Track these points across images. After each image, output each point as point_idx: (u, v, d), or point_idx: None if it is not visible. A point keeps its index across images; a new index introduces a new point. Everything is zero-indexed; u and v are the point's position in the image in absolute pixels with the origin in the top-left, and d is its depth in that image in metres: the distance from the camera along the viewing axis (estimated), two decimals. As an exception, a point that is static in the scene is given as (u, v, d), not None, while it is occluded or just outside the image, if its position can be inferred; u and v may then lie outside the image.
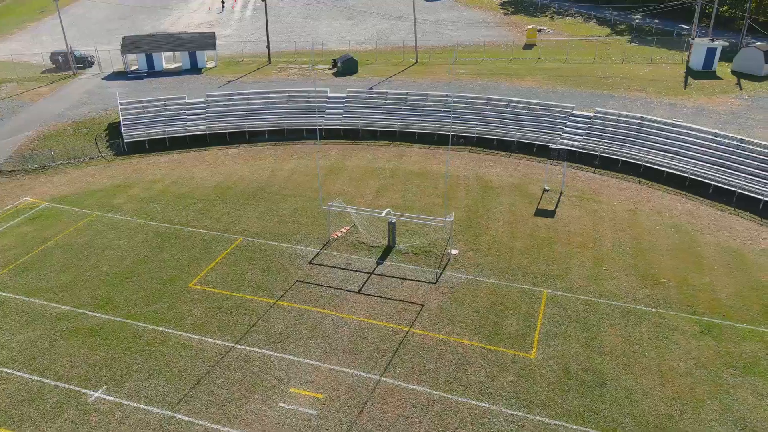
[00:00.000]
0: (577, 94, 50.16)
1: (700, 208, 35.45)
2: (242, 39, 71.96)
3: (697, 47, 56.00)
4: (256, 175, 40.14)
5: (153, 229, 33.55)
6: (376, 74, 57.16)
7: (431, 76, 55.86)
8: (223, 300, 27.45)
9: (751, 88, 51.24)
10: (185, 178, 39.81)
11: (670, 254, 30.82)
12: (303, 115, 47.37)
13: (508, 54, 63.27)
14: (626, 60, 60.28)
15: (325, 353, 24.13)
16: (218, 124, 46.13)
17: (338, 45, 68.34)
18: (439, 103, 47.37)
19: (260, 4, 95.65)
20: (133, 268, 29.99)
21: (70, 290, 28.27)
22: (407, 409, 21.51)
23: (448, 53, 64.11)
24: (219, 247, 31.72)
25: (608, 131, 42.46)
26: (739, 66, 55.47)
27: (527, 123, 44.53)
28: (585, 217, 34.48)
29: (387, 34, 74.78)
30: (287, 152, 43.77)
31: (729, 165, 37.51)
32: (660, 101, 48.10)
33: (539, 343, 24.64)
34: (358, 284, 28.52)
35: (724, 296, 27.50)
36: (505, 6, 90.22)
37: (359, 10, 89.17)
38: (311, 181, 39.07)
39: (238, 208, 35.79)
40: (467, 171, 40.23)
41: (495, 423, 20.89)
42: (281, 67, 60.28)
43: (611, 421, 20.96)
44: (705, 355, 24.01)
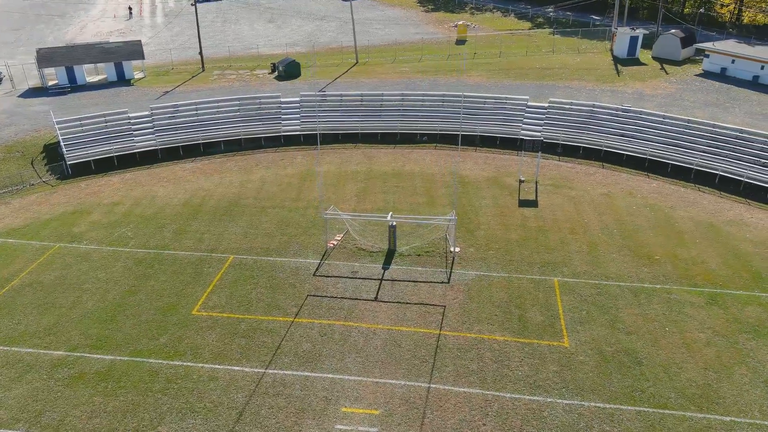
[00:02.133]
0: (523, 86, 51.75)
1: (664, 186, 37.69)
2: (162, 47, 67.97)
3: (621, 36, 59.58)
4: (224, 189, 37.99)
5: (130, 257, 30.81)
6: (320, 76, 55.98)
7: (378, 76, 55.50)
8: (236, 324, 25.70)
9: (675, 72, 55.25)
10: (147, 198, 36.91)
11: (654, 232, 32.51)
12: (258, 122, 45.45)
13: (444, 51, 64.19)
14: (555, 51, 63.03)
15: (365, 367, 23.22)
16: (169, 138, 43.19)
17: (270, 49, 66.23)
18: (396, 102, 47.16)
19: (170, 10, 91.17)
20: (122, 300, 27.36)
21: (57, 333, 25.32)
22: (467, 412, 21.16)
23: (386, 52, 64.04)
24: (211, 269, 29.68)
25: (564, 120, 44.15)
26: (659, 52, 59.65)
27: (486, 117, 45.34)
28: (566, 203, 35.62)
29: (316, 35, 73.48)
30: (250, 162, 41.79)
31: (682, 144, 40.19)
32: (602, 88, 50.72)
33: (568, 331, 25.11)
34: (372, 292, 27.72)
35: (715, 266, 29.39)
36: (423, 3, 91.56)
37: (278, 12, 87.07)
38: (285, 190, 37.56)
39: (217, 224, 33.69)
40: (440, 168, 40.34)
41: (555, 415, 21.03)
42: (217, 74, 57.49)
43: (659, 398, 21.74)
44: (718, 323, 25.51)
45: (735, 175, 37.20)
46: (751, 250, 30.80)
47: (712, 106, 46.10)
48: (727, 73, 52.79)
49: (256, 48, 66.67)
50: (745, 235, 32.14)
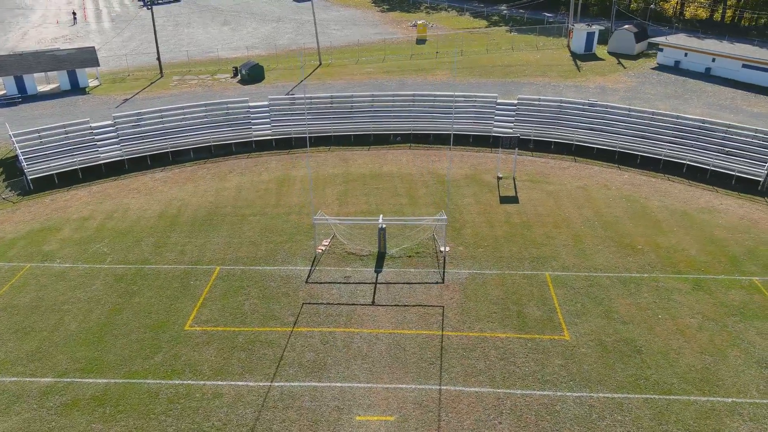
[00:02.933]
0: (489, 83, 52.39)
1: (636, 178, 38.82)
2: (115, 53, 65.47)
3: (578, 32, 61.16)
4: (199, 198, 36.84)
5: (109, 273, 29.45)
6: (284, 79, 55.12)
7: (343, 77, 55.06)
8: (233, 338, 24.90)
9: (632, 66, 57.10)
10: (120, 212, 35.40)
11: (633, 222, 33.42)
12: (227, 128, 44.32)
13: (406, 50, 64.32)
14: (515, 49, 64.12)
15: (373, 373, 22.91)
16: (135, 148, 41.58)
17: (229, 52, 64.79)
18: (366, 103, 46.89)
19: (117, 14, 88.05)
20: (107, 320, 26.10)
21: (42, 358, 23.91)
22: (481, 412, 21.15)
23: (348, 53, 63.64)
24: (198, 282, 28.69)
25: (534, 116, 44.90)
26: (614, 47, 61.53)
27: (458, 115, 45.63)
28: (545, 198, 36.20)
29: (273, 37, 72.33)
30: (223, 170, 40.68)
31: (649, 136, 41.50)
32: (566, 84, 51.88)
33: (567, 324, 25.49)
34: (368, 296, 27.40)
35: (694, 253, 30.45)
36: (378, 3, 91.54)
37: (231, 14, 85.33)
38: (264, 197, 36.74)
39: (198, 235, 32.63)
40: (418, 168, 40.32)
41: (568, 408, 21.28)
42: (177, 80, 55.80)
43: (663, 384, 22.31)
44: (706, 308, 26.41)
45: (701, 164, 38.68)
46: (725, 235, 32.06)
47: (672, 98, 47.83)
48: (681, 66, 54.92)
49: (215, 52, 65.11)
50: (717, 222, 33.44)
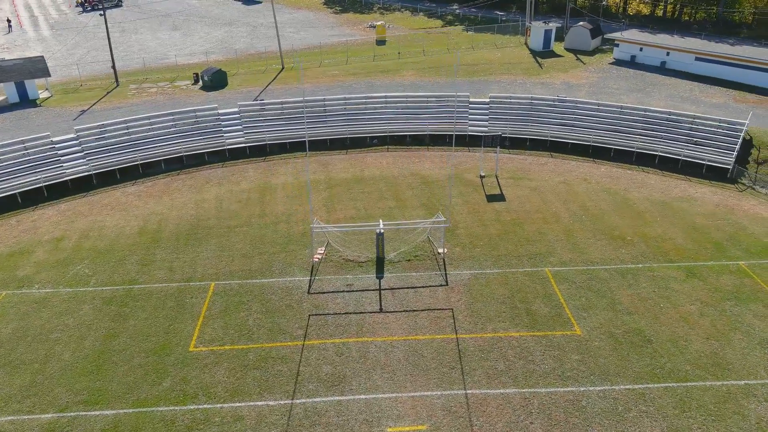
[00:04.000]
0: (457, 83, 52.61)
1: (612, 171, 39.83)
2: (60, 62, 62.09)
3: (536, 30, 62.37)
4: (179, 211, 35.31)
5: (95, 296, 27.76)
6: (248, 84, 53.69)
7: (309, 81, 54.11)
8: (242, 356, 23.91)
9: (590, 62, 58.67)
10: (95, 230, 33.49)
11: (618, 215, 34.24)
12: (198, 137, 42.71)
13: (368, 52, 63.90)
14: (475, 48, 64.80)
15: (395, 382, 22.46)
16: (103, 161, 39.45)
17: (186, 58, 62.61)
18: (339, 107, 46.23)
19: (55, 21, 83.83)
20: (103, 346, 24.56)
21: (39, 393, 22.24)
22: (510, 414, 21.08)
23: (309, 56, 62.66)
24: (194, 299, 27.43)
25: (507, 113, 45.40)
26: (570, 44, 63.08)
27: (432, 115, 45.63)
28: (530, 195, 36.62)
29: (229, 41, 70.43)
30: (198, 180, 39.16)
31: (620, 129, 42.67)
32: (532, 81, 52.74)
33: (576, 319, 25.79)
34: (375, 303, 26.91)
35: (681, 242, 31.47)
36: (329, 5, 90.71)
37: (180, 19, 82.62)
38: (247, 207, 35.58)
39: (185, 251, 31.24)
40: (400, 170, 40.02)
41: (593, 403, 21.49)
42: (135, 88, 53.41)
43: (678, 372, 22.87)
44: (702, 295, 27.30)
45: (672, 154, 40.07)
46: (706, 222, 33.30)
47: (635, 91, 49.41)
48: (637, 60, 56.85)
49: (170, 58, 62.78)
50: (696, 210, 34.69)
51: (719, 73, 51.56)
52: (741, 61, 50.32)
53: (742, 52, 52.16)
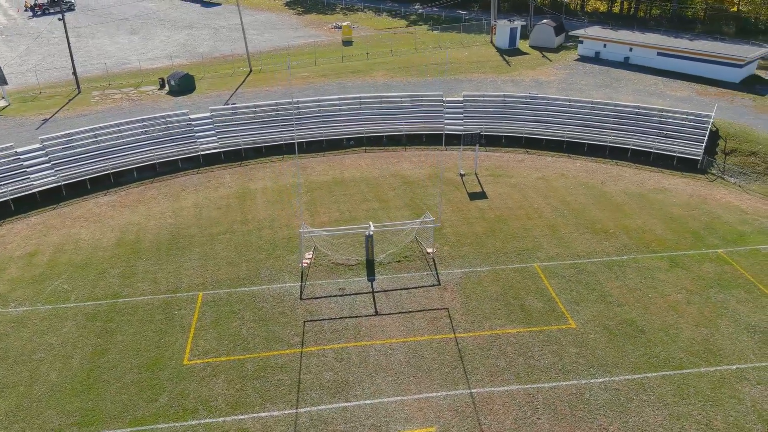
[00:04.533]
0: (429, 82, 52.79)
1: (587, 165, 40.58)
2: (15, 69, 59.55)
3: (501, 28, 63.09)
4: (157, 220, 34.27)
5: (78, 312, 26.66)
6: (216, 88, 52.58)
7: (279, 83, 53.35)
8: (239, 367, 23.32)
9: (556, 58, 59.68)
10: (70, 243, 32.19)
11: (597, 208, 34.89)
12: (170, 143, 41.58)
13: (336, 53, 63.46)
14: (442, 47, 65.12)
15: (399, 385, 22.29)
16: (72, 172, 37.97)
17: (149, 63, 60.87)
18: (313, 109, 45.73)
19: (4, 27, 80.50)
20: (92, 364, 23.59)
21: (27, 417, 21.18)
22: (516, 410, 21.17)
23: (277, 58, 61.80)
24: (183, 311, 26.64)
25: (481, 111, 45.76)
26: (535, 41, 64.06)
27: (407, 115, 45.60)
28: (511, 191, 36.97)
29: (191, 45, 68.86)
30: (174, 188, 38.10)
31: (592, 124, 43.53)
32: (502, 79, 53.30)
33: (569, 313, 26.12)
34: (369, 307, 26.67)
35: (661, 232, 32.28)
36: (291, 6, 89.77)
37: (137, 22, 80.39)
38: (228, 214, 34.81)
39: (167, 261, 30.32)
40: (380, 171, 39.84)
41: (596, 395, 21.78)
42: (98, 95, 51.62)
43: (672, 360, 23.41)
44: (687, 283, 28.05)
45: (644, 147, 41.11)
46: (682, 212, 34.25)
47: (603, 87, 50.50)
48: (601, 56, 58.12)
49: (132, 63, 60.98)
50: (671, 201, 35.65)
51: (681, 67, 53.18)
52: (701, 55, 52.01)
53: (701, 46, 53.93)
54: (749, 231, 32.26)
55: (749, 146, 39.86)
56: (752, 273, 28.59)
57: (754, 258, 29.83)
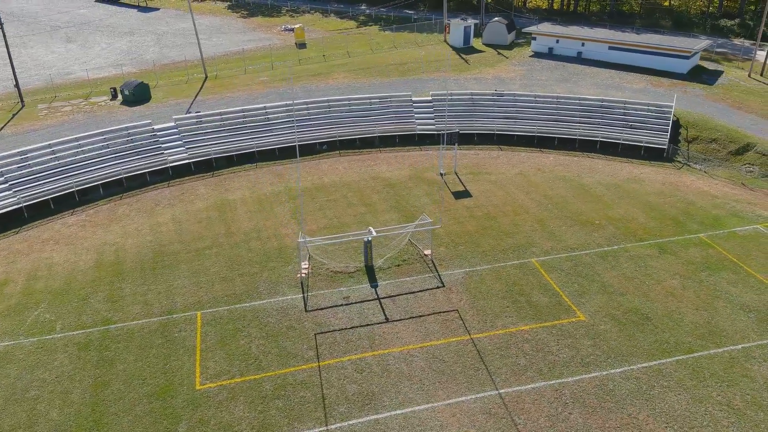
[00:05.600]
0: (393, 83, 52.60)
1: (560, 159, 41.50)
2: (-55, 83, 55.15)
3: (455, 27, 63.69)
4: (135, 238, 32.43)
5: (68, 343, 24.78)
6: (173, 96, 50.44)
7: (240, 89, 51.78)
8: (257, 387, 22.32)
9: (512, 55, 60.80)
10: (43, 268, 29.95)
11: (579, 200, 35.70)
12: (136, 156, 39.50)
13: (292, 56, 62.25)
14: (397, 47, 65.09)
15: (426, 392, 21.92)
16: (33, 192, 35.38)
17: (94, 72, 57.67)
18: (282, 114, 44.61)
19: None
20: (95, 398, 21.95)
21: (34, 462, 19.50)
22: (547, 407, 21.25)
23: (231, 63, 59.98)
24: (183, 333, 25.26)
25: (450, 110, 45.97)
26: (488, 39, 65.07)
27: (377, 117, 45.23)
28: (493, 189, 37.27)
29: (136, 52, 65.82)
30: (146, 204, 36.18)
31: (560, 118, 44.56)
32: (465, 77, 53.75)
33: (576, 305, 26.52)
34: (378, 314, 26.15)
35: (644, 221, 33.36)
36: (234, 9, 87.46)
37: (72, 30, 76.15)
38: (210, 227, 33.37)
39: (155, 281, 28.71)
40: (359, 174, 39.28)
41: (619, 385, 22.16)
42: (45, 108, 48.43)
43: (682, 344, 24.16)
44: (679, 269, 29.08)
45: (612, 139, 42.44)
46: (658, 200, 35.55)
47: (563, 81, 51.82)
48: (555, 52, 59.67)
49: (76, 73, 57.61)
50: (646, 189, 36.95)
51: (631, 60, 55.32)
52: (651, 48, 54.27)
53: (650, 40, 56.28)
54: (723, 215, 33.85)
55: (709, 134, 41.89)
56: (735, 255, 29.98)
57: (733, 240, 31.30)
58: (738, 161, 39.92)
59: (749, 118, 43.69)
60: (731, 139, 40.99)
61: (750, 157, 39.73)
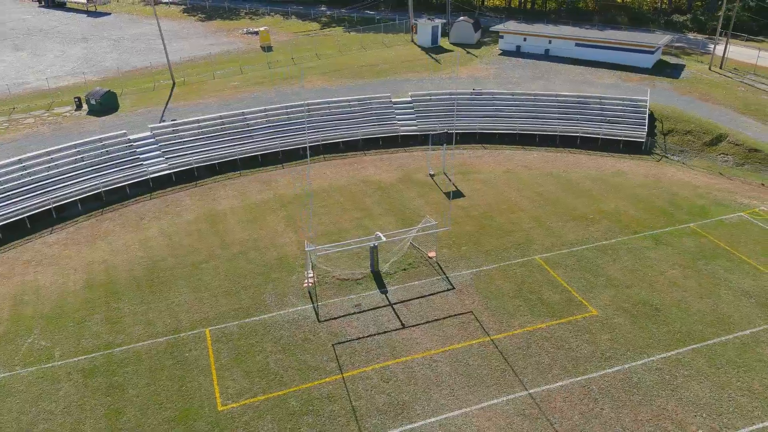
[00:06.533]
0: (367, 84, 52.13)
1: (543, 155, 42.02)
2: None
3: (423, 27, 63.75)
4: (124, 255, 30.93)
5: (71, 371, 23.35)
6: (142, 105, 48.50)
7: (212, 94, 50.25)
8: (282, 404, 21.57)
9: (481, 54, 61.28)
10: (29, 292, 28.17)
11: (570, 196, 36.22)
12: (114, 168, 37.72)
13: (259, 59, 60.92)
14: (365, 48, 64.66)
15: (457, 397, 21.68)
16: (7, 211, 33.24)
17: (54, 81, 54.81)
18: (262, 120, 43.53)
19: None
20: (110, 427, 20.72)
21: (55, 501, 18.20)
22: (578, 403, 21.36)
23: (197, 68, 58.20)
24: (195, 352, 24.20)
25: (431, 110, 45.92)
26: (456, 38, 65.43)
27: (358, 120, 44.73)
28: (484, 188, 37.40)
29: (94, 59, 63.03)
30: (130, 218, 34.59)
31: (539, 115, 45.14)
32: (440, 77, 53.81)
33: (586, 300, 26.83)
34: (394, 320, 25.75)
35: (635, 213, 34.11)
36: (191, 12, 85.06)
37: (20, 38, 72.36)
38: (202, 239, 32.19)
39: (154, 299, 27.42)
40: (347, 178, 38.71)
41: (642, 376, 22.49)
42: (5, 121, 45.70)
43: (693, 333, 24.76)
44: (677, 259, 29.84)
45: (592, 134, 43.29)
46: (645, 192, 36.45)
47: (536, 78, 52.57)
48: (522, 49, 60.52)
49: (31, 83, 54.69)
50: (631, 182, 37.84)
51: (598, 56, 56.65)
52: (616, 44, 55.71)
53: (615, 36, 57.79)
54: (708, 204, 34.99)
55: (683, 126, 43.30)
56: (727, 242, 31.02)
57: (722, 229, 32.38)
58: (713, 151, 41.42)
59: (718, 110, 45.41)
60: (705, 131, 42.50)
61: (724, 147, 41.29)
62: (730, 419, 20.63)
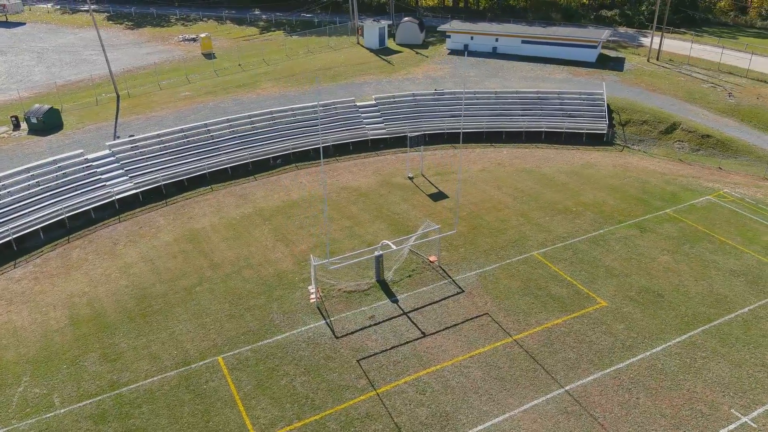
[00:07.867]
0: (326, 89, 51.16)
1: (513, 151, 42.72)
2: None
3: (369, 29, 63.39)
4: (107, 285, 28.65)
5: (78, 418, 21.28)
6: (90, 121, 45.27)
7: (164, 106, 47.63)
8: (322, 428, 20.60)
9: (431, 54, 61.66)
10: (7, 335, 25.43)
11: (549, 190, 37.01)
12: (74, 192, 34.89)
13: (205, 67, 58.43)
14: (312, 52, 63.49)
15: (497, 402, 21.52)
16: (-40, 246, 30.07)
17: (-22, 100, 50.22)
18: (225, 131, 41.71)
19: None
20: (140, 475, 19.08)
21: None
22: (614, 395, 21.74)
23: (141, 79, 55.02)
24: (213, 383, 22.71)
25: (396, 112, 45.65)
26: (402, 39, 65.55)
27: (326, 126, 43.76)
28: (465, 187, 37.53)
29: (20, 73, 58.26)
30: (101, 245, 32.10)
31: (503, 112, 45.86)
32: (397, 79, 53.60)
33: (593, 292, 27.45)
34: (413, 330, 25.26)
35: (614, 203, 35.31)
36: (116, 20, 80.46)
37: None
38: (190, 261, 30.36)
39: (152, 330, 25.54)
40: (328, 187, 37.75)
41: (667, 362, 23.22)
42: (-67, 147, 41.32)
43: (698, 316, 25.85)
44: (663, 245, 31.11)
45: (556, 128, 44.50)
46: (617, 182, 37.85)
47: (491, 76, 53.46)
48: (470, 48, 61.42)
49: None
50: (602, 173, 39.20)
51: (544, 52, 58.41)
52: (562, 40, 57.65)
53: (560, 32, 59.76)
54: (677, 190, 36.78)
55: (639, 116, 45.36)
56: (704, 226, 32.70)
57: (696, 213, 34.12)
58: (669, 139, 43.66)
59: (666, 99, 47.92)
60: (659, 120, 44.72)
61: (678, 135, 43.61)
62: (756, 395, 21.68)
